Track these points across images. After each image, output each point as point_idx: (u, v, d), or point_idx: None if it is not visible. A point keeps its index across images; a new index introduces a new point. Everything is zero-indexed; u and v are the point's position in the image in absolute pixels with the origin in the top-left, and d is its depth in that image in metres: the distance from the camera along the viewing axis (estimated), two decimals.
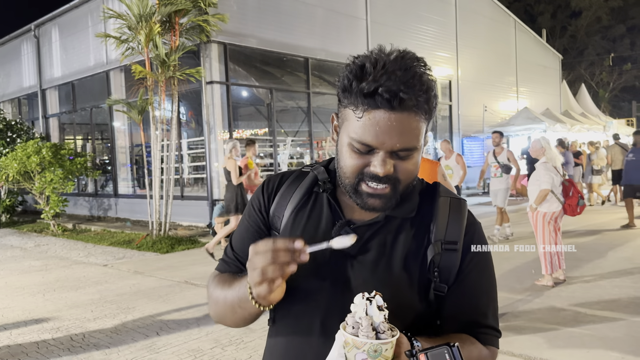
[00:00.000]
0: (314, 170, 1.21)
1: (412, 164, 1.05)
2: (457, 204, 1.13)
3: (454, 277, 1.09)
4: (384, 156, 1.01)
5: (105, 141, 15.37)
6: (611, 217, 10.56)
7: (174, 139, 10.20)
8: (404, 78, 0.97)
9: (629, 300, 5.11)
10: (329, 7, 13.30)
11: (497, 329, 1.14)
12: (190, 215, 11.35)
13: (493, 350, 1.13)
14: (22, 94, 17.16)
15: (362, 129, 0.99)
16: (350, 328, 0.86)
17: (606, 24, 38.73)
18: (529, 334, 4.31)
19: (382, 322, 0.85)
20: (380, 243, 1.09)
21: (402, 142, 1.00)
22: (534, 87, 21.81)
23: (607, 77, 38.43)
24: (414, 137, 1.01)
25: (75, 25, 14.35)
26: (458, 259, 1.09)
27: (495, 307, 1.15)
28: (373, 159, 1.02)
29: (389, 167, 1.01)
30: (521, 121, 16.32)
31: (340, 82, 1.04)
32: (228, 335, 4.56)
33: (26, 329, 4.98)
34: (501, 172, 8.55)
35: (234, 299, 1.07)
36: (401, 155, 1.02)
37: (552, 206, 5.67)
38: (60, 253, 9.28)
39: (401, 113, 0.98)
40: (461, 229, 1.10)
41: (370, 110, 0.98)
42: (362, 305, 0.86)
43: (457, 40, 17.49)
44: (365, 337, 0.83)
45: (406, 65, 0.98)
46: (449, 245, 1.08)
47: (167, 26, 9.76)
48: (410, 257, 1.08)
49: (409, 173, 1.05)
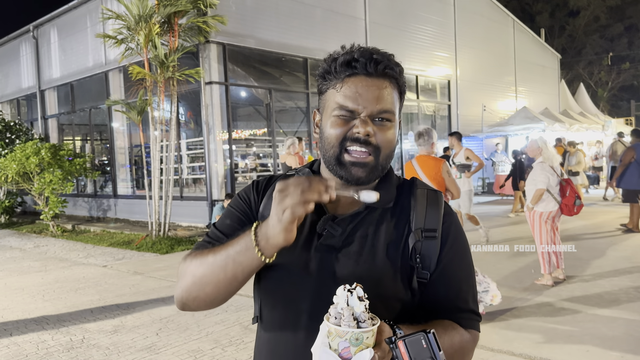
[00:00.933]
0: (300, 172, 1.26)
1: (391, 134, 1.13)
2: (434, 196, 1.20)
3: (435, 265, 1.14)
4: (364, 118, 1.09)
5: (104, 142, 15.36)
6: (610, 217, 10.56)
7: (173, 140, 10.19)
8: (376, 51, 1.12)
9: (628, 299, 5.12)
10: (328, 8, 13.30)
11: (477, 313, 1.19)
12: (189, 216, 11.35)
13: (474, 333, 1.17)
14: (20, 95, 17.14)
15: (343, 97, 1.09)
16: (333, 319, 0.89)
17: (604, 23, 38.77)
18: (529, 333, 4.32)
19: (362, 312, 0.88)
20: (363, 234, 1.13)
21: (380, 104, 1.09)
22: (532, 87, 21.83)
23: (606, 77, 38.46)
24: (390, 103, 1.11)
25: (74, 26, 14.34)
26: (438, 247, 1.14)
27: (474, 292, 1.20)
28: (354, 122, 1.10)
29: (369, 129, 1.09)
30: (520, 121, 16.32)
31: (319, 72, 1.15)
32: (228, 336, 4.56)
33: (25, 330, 4.98)
34: (460, 174, 8.13)
35: (228, 256, 1.04)
36: (380, 121, 1.11)
37: (549, 206, 5.68)
38: (60, 254, 9.28)
39: (377, 78, 1.10)
40: (439, 217, 1.16)
41: (349, 77, 1.10)
42: (344, 296, 0.90)
43: (456, 40, 17.50)
44: (347, 326, 0.87)
45: (377, 50, 1.13)
46: (429, 232, 1.14)
47: (166, 27, 9.76)
48: (393, 246, 1.13)
49: (388, 142, 1.13)
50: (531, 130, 15.47)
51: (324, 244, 1.12)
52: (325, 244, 1.12)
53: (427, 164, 5.05)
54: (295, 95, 13.44)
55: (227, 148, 11.13)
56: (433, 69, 16.53)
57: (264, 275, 1.16)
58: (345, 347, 0.87)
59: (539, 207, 5.72)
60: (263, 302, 1.18)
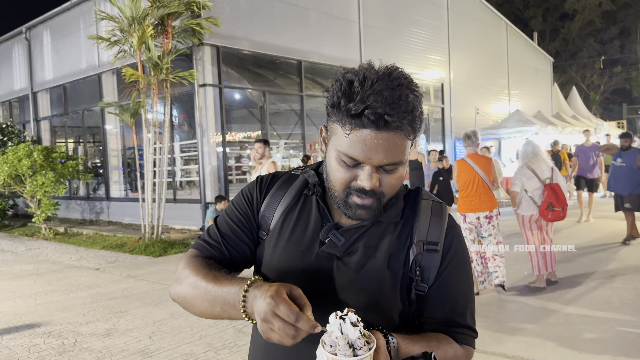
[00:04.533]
0: (304, 173, 1.24)
1: (396, 178, 1.09)
2: (439, 207, 1.18)
3: (434, 278, 1.13)
4: (370, 170, 1.05)
5: (97, 144, 15.30)
6: (601, 220, 10.62)
7: (167, 142, 10.16)
8: (390, 99, 1.00)
9: (621, 301, 5.15)
10: (322, 10, 13.32)
11: (473, 329, 1.18)
12: (183, 219, 11.32)
13: (469, 349, 1.16)
14: (13, 97, 17.05)
15: (349, 145, 1.03)
16: (328, 347, 0.88)
17: (598, 27, 39.06)
18: (521, 336, 4.33)
19: (357, 338, 0.88)
20: (366, 245, 1.13)
21: (388, 157, 1.04)
22: (525, 90, 21.94)
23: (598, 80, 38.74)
24: (399, 153, 1.05)
25: (67, 28, 14.28)
26: (438, 260, 1.14)
27: (472, 307, 1.20)
28: (360, 172, 1.06)
29: (375, 182, 1.06)
30: (513, 124, 16.39)
31: (329, 99, 1.07)
32: (221, 339, 4.54)
33: (17, 334, 4.94)
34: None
35: (217, 297, 1.05)
36: (387, 169, 1.07)
37: (529, 209, 5.72)
38: (52, 257, 9.22)
39: (387, 132, 1.02)
40: (442, 230, 1.15)
41: (357, 129, 1.02)
42: (337, 324, 0.89)
43: (450, 43, 17.58)
44: (343, 355, 0.86)
45: (393, 85, 1.01)
46: (430, 245, 1.13)
47: (160, 29, 9.74)
48: (394, 258, 1.12)
49: (393, 187, 1.10)
50: (524, 133, 15.55)
51: (325, 252, 1.12)
52: (328, 252, 1.12)
53: (480, 160, 5.63)
54: (290, 97, 13.44)
55: (220, 150, 11.11)
56: (427, 71, 16.59)
57: (263, 277, 1.16)
58: None
59: (521, 210, 5.79)
60: None
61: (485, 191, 5.51)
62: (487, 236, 5.56)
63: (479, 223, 5.53)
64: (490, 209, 5.51)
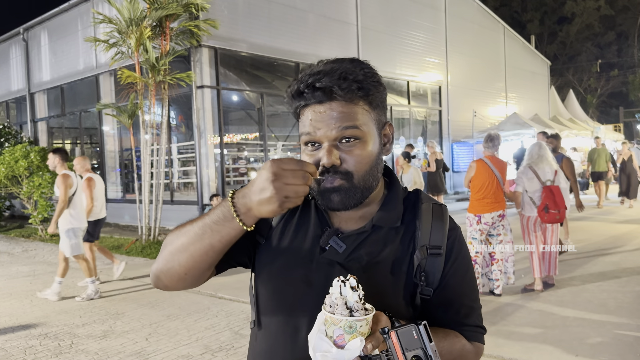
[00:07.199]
0: None
1: (363, 152, 1.06)
2: (439, 210, 1.16)
3: (438, 281, 1.12)
4: (327, 147, 1.05)
5: (95, 145, 15.26)
6: (599, 223, 10.65)
7: (164, 143, 10.15)
8: (324, 71, 1.03)
9: (617, 304, 5.16)
10: (320, 13, 13.34)
11: (481, 327, 1.18)
12: (180, 220, 10.84)
13: (478, 346, 1.16)
14: (10, 98, 17.01)
15: (302, 126, 1.08)
16: (328, 307, 0.92)
17: (596, 30, 39.22)
18: (518, 339, 4.33)
19: (356, 301, 0.91)
20: (367, 252, 1.11)
21: (338, 128, 1.03)
22: (522, 93, 22.00)
23: (595, 83, 38.89)
24: (351, 120, 1.04)
25: (65, 29, 14.27)
26: (442, 263, 1.12)
27: (478, 306, 1.19)
28: (321, 152, 1.06)
29: (333, 158, 1.04)
30: (510, 126, 16.43)
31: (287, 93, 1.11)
32: (218, 341, 4.54)
33: (13, 335, 4.93)
34: None
35: (205, 224, 1.02)
36: (347, 142, 1.05)
37: (530, 210, 5.74)
38: (49, 258, 9.18)
39: (329, 103, 1.03)
40: (444, 233, 1.14)
41: (304, 108, 1.07)
42: (337, 287, 0.93)
43: (447, 47, 17.61)
44: (340, 314, 0.90)
45: (333, 61, 1.06)
46: (434, 249, 1.12)
47: (158, 30, 9.73)
48: (397, 264, 1.11)
49: (358, 164, 1.06)
50: (521, 136, 15.58)
51: (326, 258, 1.11)
52: (328, 258, 1.11)
53: (498, 164, 5.75)
54: None
55: (218, 152, 11.11)
56: (424, 74, 16.62)
57: (263, 283, 1.15)
58: (340, 334, 0.90)
59: (524, 210, 5.80)
60: (261, 310, 1.16)
61: (500, 192, 5.63)
62: (495, 235, 5.63)
63: (492, 222, 5.58)
64: (503, 208, 5.65)
